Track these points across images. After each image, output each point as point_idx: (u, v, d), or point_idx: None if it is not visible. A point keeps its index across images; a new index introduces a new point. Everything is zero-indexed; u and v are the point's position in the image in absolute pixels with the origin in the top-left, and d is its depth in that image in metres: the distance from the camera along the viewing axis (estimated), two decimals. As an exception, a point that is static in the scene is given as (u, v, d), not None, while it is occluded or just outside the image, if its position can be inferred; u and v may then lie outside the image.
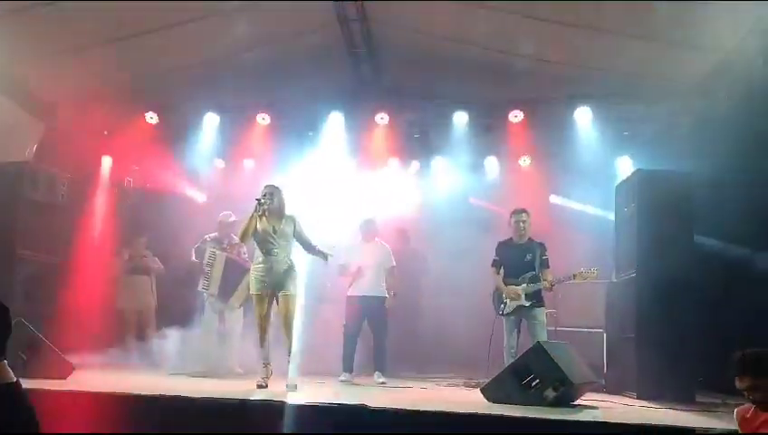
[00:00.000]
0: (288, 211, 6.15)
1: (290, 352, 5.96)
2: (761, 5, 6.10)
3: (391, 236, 8.61)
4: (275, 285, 5.96)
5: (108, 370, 7.04)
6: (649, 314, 6.48)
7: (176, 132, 9.49)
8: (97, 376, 6.35)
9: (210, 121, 9.26)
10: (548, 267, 6.68)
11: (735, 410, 3.49)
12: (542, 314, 6.67)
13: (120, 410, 4.71)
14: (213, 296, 7.48)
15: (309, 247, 6.22)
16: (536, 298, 6.63)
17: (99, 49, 7.92)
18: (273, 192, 6.02)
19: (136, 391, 5.00)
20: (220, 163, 10.30)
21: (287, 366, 5.94)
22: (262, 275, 5.97)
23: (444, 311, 8.83)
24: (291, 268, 6.04)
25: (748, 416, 3.36)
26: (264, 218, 5.95)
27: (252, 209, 5.92)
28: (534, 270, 6.65)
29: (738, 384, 3.34)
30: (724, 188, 6.64)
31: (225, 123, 9.35)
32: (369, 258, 7.38)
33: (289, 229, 6.04)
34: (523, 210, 6.88)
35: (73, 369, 5.90)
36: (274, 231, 5.97)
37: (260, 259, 6.02)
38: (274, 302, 6.04)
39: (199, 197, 10.48)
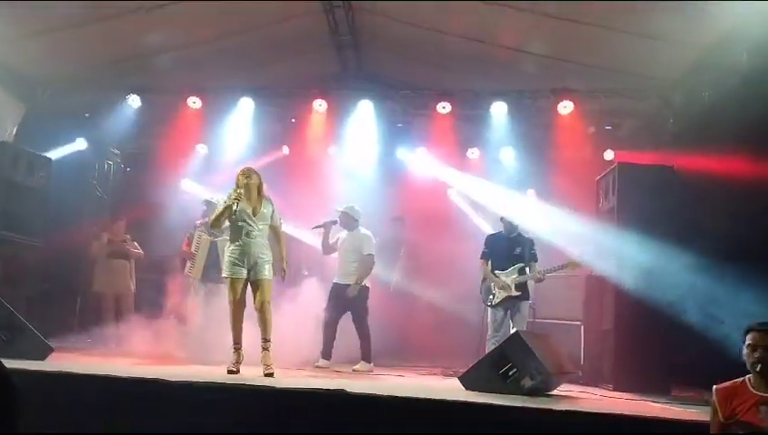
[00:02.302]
0: (266, 193, 6.04)
1: (266, 339, 5.84)
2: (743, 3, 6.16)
3: (386, 225, 8.60)
4: (251, 269, 5.82)
5: (86, 353, 6.98)
6: (627, 307, 6.54)
7: (158, 115, 9.40)
8: (75, 358, 6.30)
9: (192, 105, 9.18)
10: (536, 261, 6.84)
11: (715, 386, 3.50)
12: (526, 306, 6.82)
13: (95, 391, 4.68)
14: (196, 280, 7.45)
15: (276, 239, 6.10)
16: (524, 290, 6.75)
17: (81, 30, 7.83)
18: (249, 174, 5.90)
19: (112, 374, 4.96)
20: (203, 148, 10.23)
21: (261, 354, 5.80)
22: (237, 259, 5.81)
23: (430, 300, 8.86)
24: (267, 252, 5.90)
25: (735, 391, 3.40)
26: (241, 201, 5.81)
27: (227, 198, 5.82)
28: (523, 263, 6.75)
29: (749, 341, 3.39)
30: (704, 182, 6.71)
31: (208, 107, 9.28)
32: (346, 246, 7.41)
33: (267, 211, 5.91)
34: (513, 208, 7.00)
35: (52, 350, 5.85)
36: (254, 213, 5.84)
37: (236, 242, 5.85)
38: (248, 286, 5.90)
39: (181, 182, 10.40)
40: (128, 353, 7.09)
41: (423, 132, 9.41)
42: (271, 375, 5.60)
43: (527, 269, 6.76)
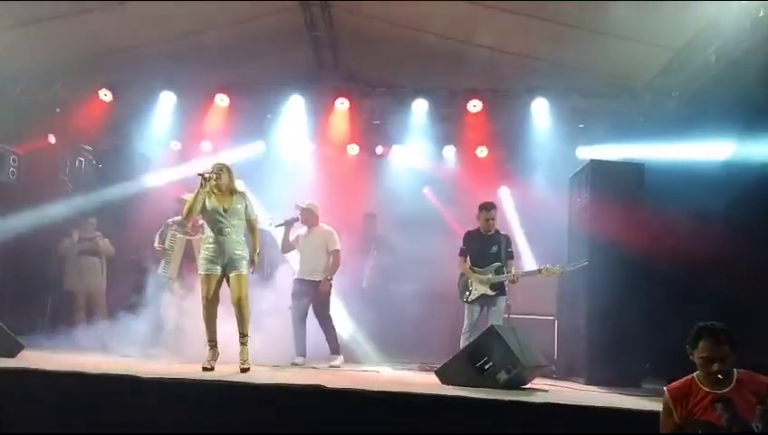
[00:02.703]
0: (239, 188, 6.03)
1: (243, 334, 5.83)
2: (714, 3, 6.29)
3: (359, 222, 8.59)
4: (226, 266, 5.80)
5: (57, 351, 6.88)
6: (599, 302, 6.63)
7: (130, 111, 9.31)
8: (45, 356, 6.20)
9: (166, 101, 9.10)
10: (512, 259, 6.88)
11: (666, 387, 3.47)
12: (502, 302, 6.85)
13: (66, 388, 4.62)
14: (172, 280, 7.37)
15: (251, 232, 6.07)
16: (499, 288, 6.79)
17: (53, 23, 7.72)
18: (221, 169, 5.86)
19: (82, 370, 4.90)
20: (176, 145, 10.14)
21: (239, 348, 5.81)
22: (212, 256, 5.78)
23: (406, 297, 8.88)
24: (243, 248, 5.88)
25: (687, 390, 3.36)
26: (213, 197, 5.79)
27: (197, 186, 5.76)
28: (500, 261, 6.80)
29: (703, 353, 3.30)
30: (675, 180, 6.83)
31: (182, 103, 9.21)
32: (309, 242, 7.39)
33: (240, 207, 5.88)
34: (493, 206, 7.01)
35: (22, 348, 5.76)
36: (225, 210, 5.80)
37: (210, 239, 5.82)
38: (224, 283, 5.89)
39: (153, 179, 10.28)
40: (98, 352, 7.02)
41: (399, 130, 9.42)
42: (246, 370, 5.59)
43: (504, 268, 6.79)
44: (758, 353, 3.45)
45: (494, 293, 6.75)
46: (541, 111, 8.70)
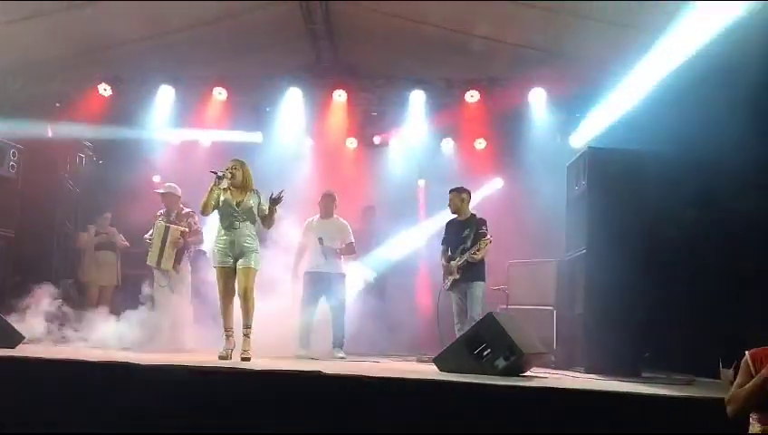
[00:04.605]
0: (254, 186, 6.15)
1: (247, 326, 5.94)
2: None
3: (357, 215, 8.61)
4: (237, 259, 5.96)
5: (59, 342, 6.91)
6: (598, 291, 6.61)
7: (130, 105, 9.32)
8: (47, 348, 6.24)
9: (165, 95, 9.12)
10: (484, 238, 6.65)
11: (748, 352, 3.38)
12: (476, 287, 6.67)
13: (66, 376, 4.66)
14: (155, 268, 7.40)
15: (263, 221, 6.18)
16: (470, 272, 6.67)
17: (51, 18, 7.74)
18: (236, 166, 6.02)
19: (83, 358, 4.94)
20: (176, 138, 10.16)
21: (242, 339, 5.92)
22: (225, 248, 5.96)
23: (405, 290, 8.90)
24: (253, 241, 6.04)
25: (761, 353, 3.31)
26: (228, 192, 5.97)
27: (210, 182, 5.92)
28: (467, 244, 6.71)
29: None
30: (671, 167, 6.82)
31: (181, 97, 9.23)
32: (324, 235, 7.36)
33: (253, 203, 6.02)
34: (456, 189, 6.99)
35: (23, 339, 5.80)
36: (238, 205, 5.96)
37: (222, 233, 6.01)
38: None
39: (154, 174, 10.30)
40: (101, 345, 7.04)
41: (397, 122, 9.43)
42: (247, 359, 5.70)
43: (468, 250, 6.68)
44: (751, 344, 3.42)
45: (460, 277, 6.66)
46: (538, 101, 8.69)
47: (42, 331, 6.88)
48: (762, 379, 3.17)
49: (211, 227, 6.90)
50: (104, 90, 9.12)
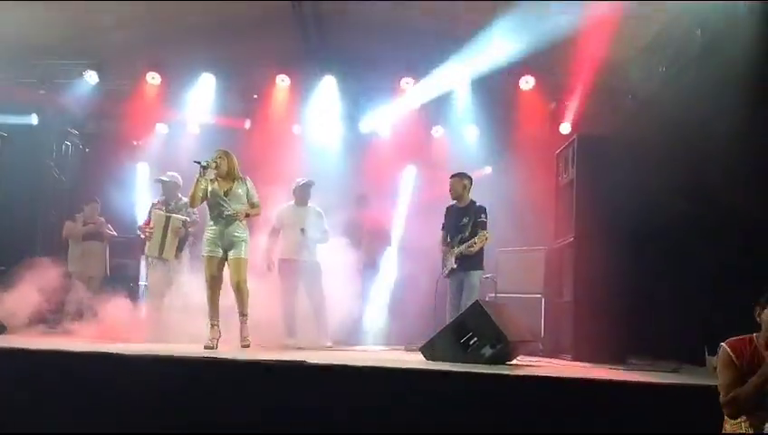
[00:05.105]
0: (240, 174, 6.18)
1: (243, 314, 6.04)
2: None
3: (351, 204, 8.57)
4: (227, 248, 5.99)
5: (43, 334, 6.86)
6: (586, 279, 6.64)
7: (116, 92, 9.23)
8: (30, 338, 6.19)
9: (152, 81, 9.03)
10: (484, 229, 6.58)
11: (723, 343, 3.31)
12: (473, 277, 6.63)
13: (50, 367, 4.62)
14: (155, 258, 7.35)
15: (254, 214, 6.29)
16: (467, 261, 6.61)
17: (36, 4, 7.62)
18: (221, 156, 6.05)
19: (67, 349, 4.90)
20: (163, 127, 10.07)
21: (240, 326, 6.04)
22: (214, 238, 6.00)
23: (396, 279, 8.87)
24: (243, 232, 6.07)
25: (745, 350, 3.22)
26: (215, 182, 6.00)
27: (196, 173, 5.93)
28: (465, 233, 6.65)
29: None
30: (659, 155, 6.81)
31: (168, 84, 9.13)
32: (298, 222, 7.32)
33: (241, 191, 6.06)
34: (456, 174, 6.93)
35: (5, 329, 5.75)
36: (225, 194, 5.99)
37: (212, 222, 6.05)
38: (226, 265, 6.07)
39: (142, 162, 10.22)
40: (87, 335, 6.99)
41: (387, 109, 9.37)
42: (247, 346, 5.88)
43: (466, 240, 6.62)
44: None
45: (458, 266, 6.61)
46: (527, 88, 8.64)
47: (25, 321, 6.84)
48: (762, 378, 3.05)
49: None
50: (90, 77, 9.01)
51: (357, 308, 8.02)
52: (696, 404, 3.88)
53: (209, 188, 5.98)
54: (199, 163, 5.92)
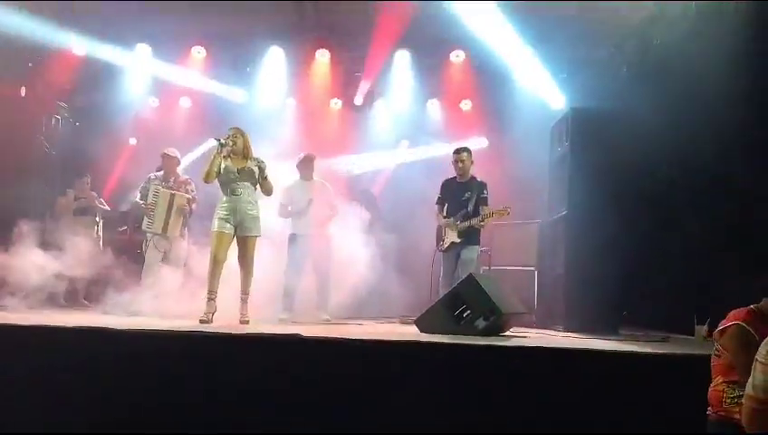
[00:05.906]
0: (255, 154, 6.18)
1: (245, 292, 6.05)
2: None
3: (355, 199, 8.54)
4: (237, 226, 6.00)
5: (35, 310, 6.84)
6: (578, 251, 6.63)
7: (106, 65, 9.12)
8: (22, 315, 6.16)
9: (142, 54, 8.92)
10: (486, 205, 6.69)
11: (738, 321, 2.96)
12: (472, 251, 6.71)
13: (43, 342, 4.63)
14: (157, 235, 7.32)
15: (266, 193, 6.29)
16: (468, 236, 6.69)
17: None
18: (236, 134, 6.07)
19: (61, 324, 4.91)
20: (154, 101, 9.98)
21: (239, 304, 6.02)
22: (226, 214, 5.98)
23: (390, 252, 8.86)
24: (254, 209, 6.09)
25: (759, 322, 2.90)
26: (228, 159, 6.00)
27: (214, 151, 5.95)
28: (468, 209, 6.70)
29: None
30: (651, 128, 6.80)
31: (158, 56, 9.03)
32: (308, 196, 7.28)
33: (254, 170, 6.07)
34: (464, 149, 6.93)
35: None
36: (238, 172, 6.00)
37: (224, 199, 6.05)
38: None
39: (131, 136, 10.14)
40: (82, 310, 7.00)
41: (382, 82, 9.30)
42: (246, 323, 5.87)
43: (470, 215, 6.66)
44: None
45: (460, 240, 6.66)
46: (523, 61, 8.59)
47: (17, 297, 6.83)
48: None
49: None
50: (78, 49, 8.90)
51: (361, 280, 8.03)
52: (684, 372, 3.95)
53: (222, 165, 5.98)
54: (218, 140, 5.95)
